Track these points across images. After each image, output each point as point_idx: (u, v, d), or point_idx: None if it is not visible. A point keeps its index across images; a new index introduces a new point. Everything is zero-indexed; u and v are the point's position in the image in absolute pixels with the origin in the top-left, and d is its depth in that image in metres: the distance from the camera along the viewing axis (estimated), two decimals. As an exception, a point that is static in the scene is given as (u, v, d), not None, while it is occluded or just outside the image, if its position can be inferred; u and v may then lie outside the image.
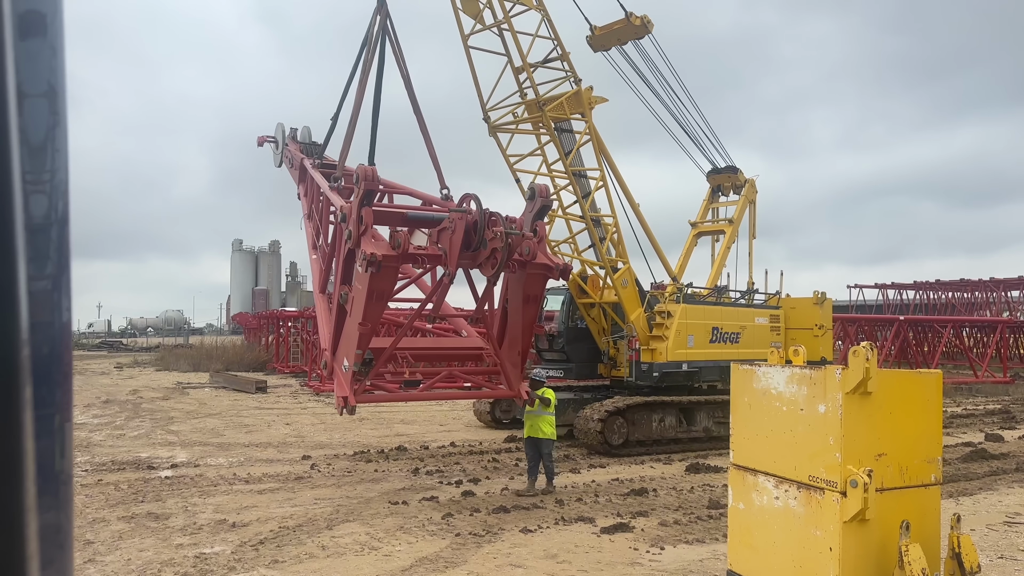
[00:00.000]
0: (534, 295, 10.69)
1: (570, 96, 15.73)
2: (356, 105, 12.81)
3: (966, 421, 20.99)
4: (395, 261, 9.48)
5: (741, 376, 6.46)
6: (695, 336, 16.76)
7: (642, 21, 17.14)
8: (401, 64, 12.86)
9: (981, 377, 31.74)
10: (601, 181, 16.22)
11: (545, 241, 10.51)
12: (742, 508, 6.37)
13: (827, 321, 18.98)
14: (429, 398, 15.08)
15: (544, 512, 10.50)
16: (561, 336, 17.62)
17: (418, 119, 13.03)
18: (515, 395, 11.53)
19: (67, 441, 0.80)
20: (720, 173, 20.40)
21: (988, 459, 14.70)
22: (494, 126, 15.80)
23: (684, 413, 16.43)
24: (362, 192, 9.86)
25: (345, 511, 10.54)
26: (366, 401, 11.08)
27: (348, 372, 10.32)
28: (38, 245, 0.79)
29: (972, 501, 11.34)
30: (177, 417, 20.73)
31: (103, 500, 11.17)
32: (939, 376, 6.18)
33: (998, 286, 53.15)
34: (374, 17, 12.76)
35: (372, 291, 9.55)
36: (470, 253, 9.47)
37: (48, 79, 0.79)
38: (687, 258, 20.28)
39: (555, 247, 16.47)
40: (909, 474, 5.77)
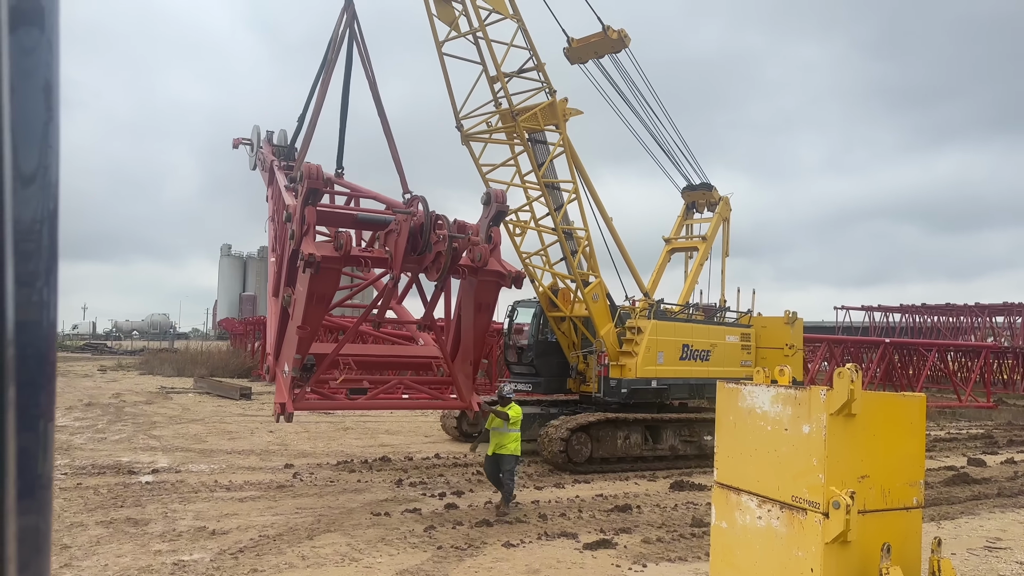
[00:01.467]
0: (486, 303, 10.31)
1: (544, 107, 15.66)
2: (317, 105, 12.62)
3: (949, 445, 21.08)
4: (336, 263, 9.14)
5: (726, 394, 6.47)
6: (665, 353, 16.62)
7: (619, 35, 17.09)
8: (367, 66, 12.69)
9: (965, 401, 31.91)
10: (574, 193, 16.14)
11: (499, 248, 10.15)
12: (725, 527, 6.37)
13: (798, 341, 18.97)
14: (375, 407, 14.75)
15: (527, 527, 10.46)
16: (531, 349, 17.45)
17: (382, 122, 12.84)
18: (466, 407, 11.25)
19: (49, 443, 0.80)
20: (695, 190, 20.39)
21: (970, 483, 14.76)
22: (467, 135, 15.65)
23: (650, 431, 16.23)
24: (305, 191, 9.53)
25: (327, 521, 10.47)
26: (305, 408, 10.74)
27: (288, 378, 10.02)
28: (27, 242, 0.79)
29: (953, 525, 11.38)
30: (160, 422, 20.56)
31: (82, 504, 11.04)
32: (923, 399, 6.21)
33: (983, 311, 53.54)
34: (340, 17, 12.57)
35: (312, 293, 9.24)
36: (416, 257, 9.15)
37: (44, 74, 0.79)
38: (660, 274, 20.22)
39: (526, 259, 16.38)
40: (891, 497, 5.78)
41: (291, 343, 10.03)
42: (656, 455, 16.06)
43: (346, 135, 13.33)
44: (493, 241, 9.96)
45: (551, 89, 15.67)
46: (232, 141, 17.98)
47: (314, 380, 10.38)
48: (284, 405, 9.81)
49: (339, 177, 13.38)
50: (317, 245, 9.18)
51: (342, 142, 13.40)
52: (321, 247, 9.14)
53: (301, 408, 10.38)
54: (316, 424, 20.98)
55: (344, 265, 9.43)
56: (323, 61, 13.16)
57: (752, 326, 19.09)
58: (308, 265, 8.81)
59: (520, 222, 16.23)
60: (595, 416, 15.39)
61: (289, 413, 9.83)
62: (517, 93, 15.59)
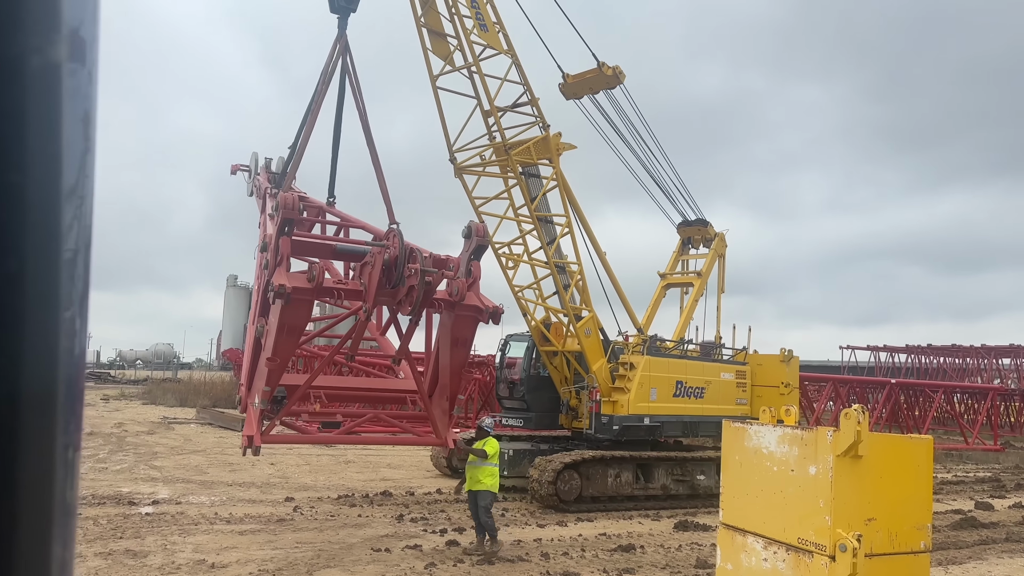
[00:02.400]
0: (463, 338, 10.11)
1: (538, 141, 15.71)
2: (305, 135, 12.60)
3: (956, 488, 20.85)
4: (308, 294, 8.97)
5: (733, 434, 6.44)
6: (658, 389, 16.37)
7: (614, 71, 17.19)
8: (358, 98, 12.71)
9: (971, 444, 31.61)
10: (567, 227, 16.12)
11: (478, 283, 9.91)
12: (730, 568, 6.29)
13: (793, 379, 18.80)
14: (348, 442, 14.44)
15: (529, 566, 10.34)
16: (522, 384, 17.20)
17: (371, 152, 12.79)
18: (442, 443, 10.97)
19: (76, 472, 0.81)
20: (690, 225, 20.37)
21: (978, 528, 14.57)
22: (460, 167, 15.69)
23: (642, 469, 15.95)
24: (280, 221, 9.41)
25: (327, 556, 10.37)
26: (273, 442, 10.56)
27: (257, 410, 9.83)
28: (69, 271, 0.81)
29: (961, 570, 11.22)
30: (161, 452, 20.48)
31: (81, 535, 10.96)
32: (930, 441, 6.17)
33: (989, 353, 53.30)
34: (333, 49, 12.63)
35: (283, 324, 9.08)
36: (390, 290, 8.95)
37: (84, 105, 0.82)
38: (655, 309, 20.09)
39: (519, 292, 16.27)
40: (899, 540, 5.72)
41: (261, 375, 9.86)
42: (647, 494, 15.75)
43: (338, 165, 13.31)
44: (473, 275, 9.79)
45: (544, 124, 15.75)
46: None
47: (284, 413, 10.19)
48: (251, 438, 9.59)
49: (331, 206, 13.35)
50: (289, 276, 9.02)
51: (334, 172, 13.38)
52: (293, 278, 8.97)
53: (269, 442, 10.22)
54: (317, 457, 20.86)
55: (316, 297, 9.29)
56: (315, 91, 13.24)
57: (748, 363, 18.93)
58: (278, 296, 8.64)
59: (513, 255, 16.18)
60: (585, 454, 15.08)
61: (256, 446, 9.63)
62: (511, 127, 15.69)
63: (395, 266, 8.74)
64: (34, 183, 0.75)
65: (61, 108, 0.76)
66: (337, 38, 12.62)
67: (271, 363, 9.38)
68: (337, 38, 12.62)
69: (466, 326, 9.93)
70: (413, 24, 14.96)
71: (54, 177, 0.76)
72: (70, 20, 0.79)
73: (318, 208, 13.56)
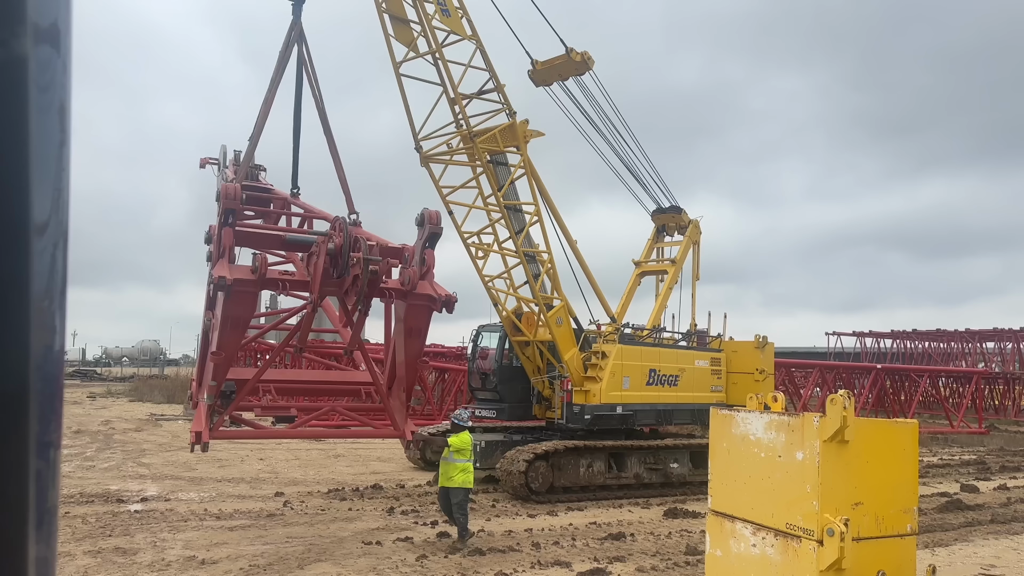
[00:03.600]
0: (417, 328, 9.88)
1: (504, 128, 15.52)
2: (259, 123, 12.36)
3: (942, 471, 21.06)
4: (250, 286, 8.70)
5: (720, 421, 6.48)
6: (631, 378, 16.29)
7: (583, 57, 17.01)
8: (314, 85, 12.51)
9: (957, 427, 31.93)
10: (536, 216, 15.96)
11: (432, 271, 9.69)
12: (719, 555, 6.34)
13: (768, 365, 18.77)
14: (301, 436, 13.90)
15: (520, 556, 10.37)
16: (495, 375, 17.06)
17: (328, 141, 12.60)
18: (400, 435, 10.77)
19: (57, 472, 0.81)
20: (664, 213, 20.29)
21: (964, 510, 14.73)
22: (426, 156, 15.44)
23: (614, 458, 15.83)
24: (222, 211, 9.18)
25: (317, 550, 10.36)
26: (223, 437, 10.36)
27: (204, 405, 9.69)
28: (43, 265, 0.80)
29: (947, 552, 11.34)
30: (149, 449, 20.37)
31: (69, 533, 10.90)
32: (915, 426, 6.23)
33: (973, 337, 53.79)
34: (288, 36, 12.37)
35: (227, 318, 8.92)
36: (336, 280, 8.76)
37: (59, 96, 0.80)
38: (630, 298, 19.99)
39: (489, 282, 16.08)
40: (885, 524, 5.78)
41: (209, 369, 9.71)
42: (620, 483, 15.67)
43: (300, 155, 13.16)
44: (426, 264, 9.59)
45: (511, 110, 15.53)
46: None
47: (233, 408, 10.03)
48: (199, 434, 9.34)
49: (295, 197, 13.20)
50: (232, 268, 8.78)
51: (296, 162, 13.23)
52: (235, 270, 8.75)
53: (218, 437, 10.04)
54: (307, 452, 20.82)
55: (260, 289, 9.08)
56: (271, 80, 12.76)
57: (723, 351, 18.88)
58: (218, 288, 8.45)
59: (483, 245, 15.98)
60: (555, 444, 14.96)
61: (204, 443, 9.39)
62: (478, 114, 15.43)
63: (340, 256, 8.52)
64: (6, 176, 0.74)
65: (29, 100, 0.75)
66: (292, 25, 12.31)
67: (216, 357, 9.18)
68: (292, 25, 12.31)
69: (419, 316, 9.72)
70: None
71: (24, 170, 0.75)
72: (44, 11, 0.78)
73: (283, 199, 13.36)
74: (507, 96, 15.48)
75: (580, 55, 16.99)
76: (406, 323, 9.83)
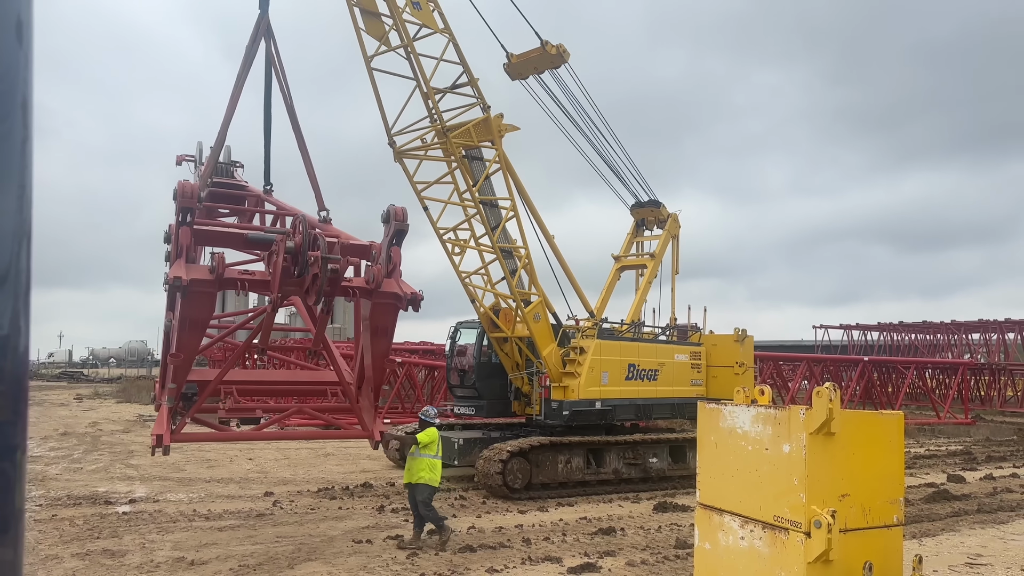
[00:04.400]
0: (383, 327, 9.71)
1: (478, 123, 15.36)
2: (226, 118, 12.14)
3: (929, 462, 21.22)
4: (208, 286, 8.47)
5: (707, 415, 6.50)
6: (610, 373, 16.22)
7: (558, 50, 16.86)
8: (282, 80, 12.38)
9: (943, 418, 32.18)
10: (512, 211, 15.82)
11: (399, 268, 9.49)
12: (708, 548, 6.36)
13: (748, 359, 18.70)
14: (267, 438, 13.51)
15: (511, 551, 10.39)
16: (473, 372, 16.91)
17: (297, 137, 12.46)
18: (368, 435, 10.52)
19: (24, 474, 0.79)
20: (643, 207, 20.21)
21: (950, 500, 14.85)
22: (400, 151, 15.21)
23: (593, 454, 15.73)
24: (177, 209, 8.89)
25: (307, 550, 10.34)
26: (184, 440, 10.10)
27: (166, 408, 9.44)
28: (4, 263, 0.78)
29: (935, 542, 11.43)
30: (137, 451, 20.25)
31: (57, 536, 10.84)
32: (901, 417, 6.26)
33: (959, 328, 54.21)
34: (255, 29, 12.16)
35: (185, 318, 8.73)
36: (296, 279, 8.52)
37: (22, 91, 0.78)
38: (609, 292, 19.90)
39: (466, 278, 15.89)
40: (872, 515, 5.81)
41: (169, 372, 9.52)
42: (599, 479, 15.59)
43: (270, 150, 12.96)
44: (393, 261, 9.41)
45: (485, 105, 15.39)
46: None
47: (194, 410, 9.83)
48: (160, 437, 9.08)
49: (268, 194, 13.05)
50: (190, 268, 8.58)
51: (267, 159, 13.07)
52: (193, 270, 8.55)
53: (180, 440, 9.84)
54: (296, 451, 20.76)
55: (218, 289, 8.82)
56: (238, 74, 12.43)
57: (702, 344, 18.86)
58: (174, 289, 8.25)
59: (459, 241, 15.84)
60: (531, 440, 14.83)
61: (165, 446, 9.13)
62: (452, 109, 15.27)
63: (299, 254, 8.31)
64: None
65: None
66: (259, 19, 12.12)
67: (175, 359, 9.03)
68: (259, 19, 12.12)
69: (385, 314, 9.57)
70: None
71: None
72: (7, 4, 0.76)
73: (256, 196, 13.20)
74: (481, 90, 15.30)
75: (555, 48, 16.82)
76: (372, 322, 9.66)
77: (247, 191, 13.48)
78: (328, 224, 11.76)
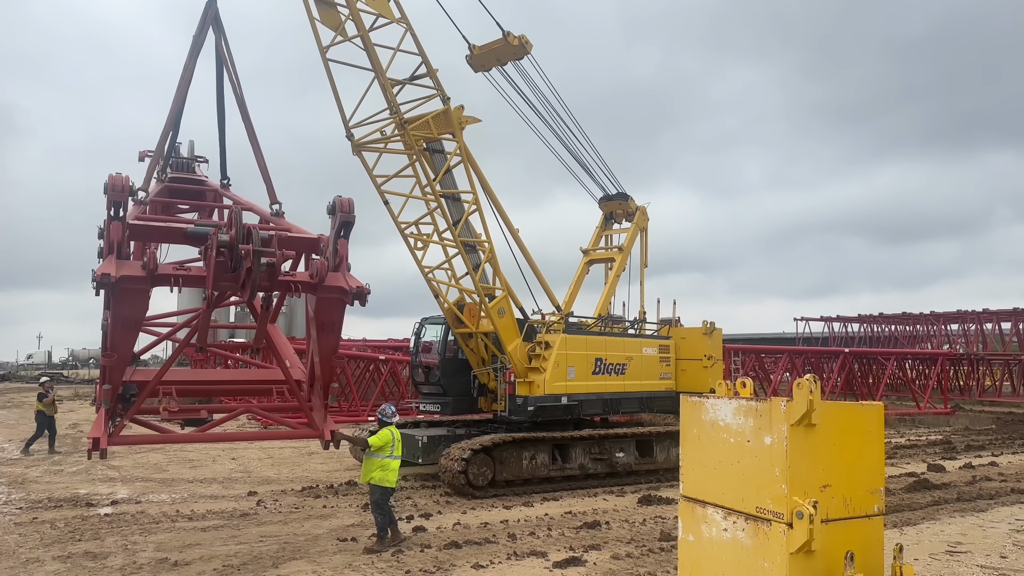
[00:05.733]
0: (329, 322, 9.36)
1: (437, 115, 15.19)
2: (173, 109, 11.88)
3: (909, 452, 21.47)
4: (138, 283, 8.08)
5: (690, 408, 6.53)
6: (576, 368, 16.10)
7: (520, 41, 16.73)
8: (231, 72, 12.20)
9: (923, 408, 32.56)
10: (474, 204, 15.68)
11: (346, 262, 9.14)
12: (692, 540, 6.40)
13: (716, 352, 18.66)
14: (210, 440, 13.12)
15: (496, 547, 10.40)
16: (438, 368, 16.68)
17: (247, 129, 12.27)
18: (318, 435, 10.17)
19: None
20: (611, 200, 20.18)
21: (930, 489, 15.03)
22: (358, 144, 14.95)
23: (559, 449, 15.55)
24: (107, 203, 8.48)
25: (292, 549, 10.30)
26: (123, 443, 9.76)
27: (104, 410, 9.08)
28: None
29: (915, 531, 11.57)
30: (119, 452, 20.04)
31: (38, 539, 10.74)
32: (880, 408, 6.33)
33: (938, 319, 54.78)
34: (203, 19, 11.95)
35: (117, 317, 8.37)
36: (232, 275, 8.16)
37: None
38: (578, 286, 19.78)
39: (429, 273, 15.68)
40: (853, 505, 5.87)
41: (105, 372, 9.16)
42: (564, 475, 15.47)
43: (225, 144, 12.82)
44: (340, 255, 9.05)
45: (444, 96, 15.19)
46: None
47: (133, 411, 9.53)
48: (97, 440, 8.74)
49: (225, 188, 12.86)
50: (120, 265, 8.19)
51: (223, 152, 12.89)
52: (124, 266, 8.16)
53: (120, 443, 9.51)
54: (280, 450, 20.66)
55: (151, 285, 8.46)
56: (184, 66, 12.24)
57: (671, 338, 18.82)
58: (101, 286, 7.90)
59: (421, 235, 15.62)
60: (491, 438, 14.60)
61: (102, 449, 8.81)
62: (412, 100, 15.08)
63: (230, 248, 7.97)
64: None
65: None
66: (207, 6, 11.90)
67: (108, 359, 8.71)
68: (207, 6, 11.90)
69: (331, 309, 9.22)
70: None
71: None
72: None
73: (215, 191, 12.97)
74: (440, 81, 15.08)
75: (517, 39, 16.61)
76: (317, 318, 9.35)
77: (205, 186, 13.25)
78: (280, 218, 11.49)
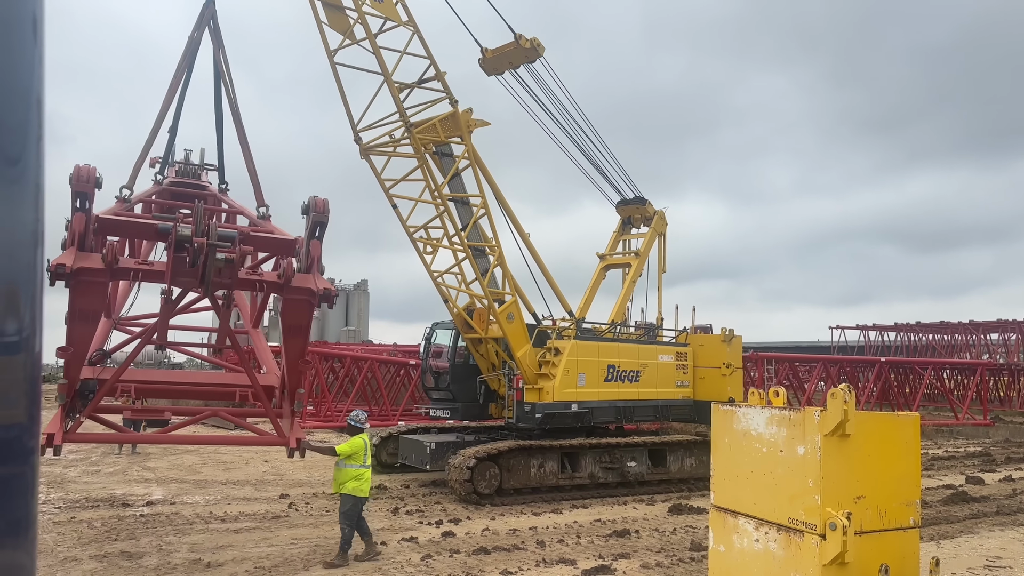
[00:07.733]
0: (296, 324, 9.06)
1: (445, 118, 15.13)
2: (162, 109, 11.87)
3: (947, 463, 21.04)
4: (96, 275, 7.88)
5: (721, 417, 6.48)
6: (587, 374, 15.78)
7: (532, 44, 16.62)
8: (225, 73, 12.21)
9: (962, 419, 31.87)
10: (483, 208, 15.51)
11: (318, 262, 8.88)
12: (723, 550, 6.34)
13: (736, 359, 18.22)
14: (170, 441, 12.86)
15: (525, 554, 10.38)
16: (448, 374, 16.54)
17: (238, 131, 12.22)
18: (283, 443, 9.84)
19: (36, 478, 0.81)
20: (629, 204, 19.86)
21: (969, 502, 14.71)
22: (366, 148, 14.93)
23: (568, 458, 15.32)
24: (71, 195, 8.32)
25: (323, 552, 10.38)
26: (78, 441, 9.63)
27: (60, 405, 8.94)
28: (23, 267, 0.79)
29: (953, 544, 11.33)
30: (154, 453, 20.40)
31: (75, 538, 10.94)
32: (917, 418, 6.22)
33: (977, 329, 53.71)
34: (199, 19, 11.93)
35: (74, 310, 8.13)
36: (192, 270, 7.88)
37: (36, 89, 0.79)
38: (594, 292, 19.56)
39: (438, 277, 15.59)
40: (888, 517, 5.77)
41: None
42: (574, 484, 15.21)
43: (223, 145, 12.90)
44: (312, 255, 8.80)
45: (453, 99, 15.10)
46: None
47: (90, 409, 9.39)
48: (51, 436, 8.60)
49: (223, 193, 12.90)
50: (79, 256, 7.99)
51: (221, 157, 12.96)
52: (82, 258, 7.92)
53: (75, 440, 9.40)
54: (312, 453, 20.82)
55: (110, 278, 8.32)
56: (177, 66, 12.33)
57: (689, 345, 18.47)
58: (56, 277, 7.68)
59: (430, 239, 15.53)
60: (496, 446, 14.39)
61: (56, 445, 8.66)
62: (421, 104, 15.03)
63: (187, 243, 7.75)
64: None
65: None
66: (204, 7, 11.90)
67: (64, 352, 8.51)
68: (204, 7, 11.90)
69: (298, 311, 8.91)
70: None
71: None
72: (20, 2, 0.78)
73: (213, 195, 12.95)
74: (448, 84, 15.03)
75: (529, 41, 16.53)
76: (283, 319, 9.16)
77: (205, 191, 13.43)
78: (267, 220, 11.45)
